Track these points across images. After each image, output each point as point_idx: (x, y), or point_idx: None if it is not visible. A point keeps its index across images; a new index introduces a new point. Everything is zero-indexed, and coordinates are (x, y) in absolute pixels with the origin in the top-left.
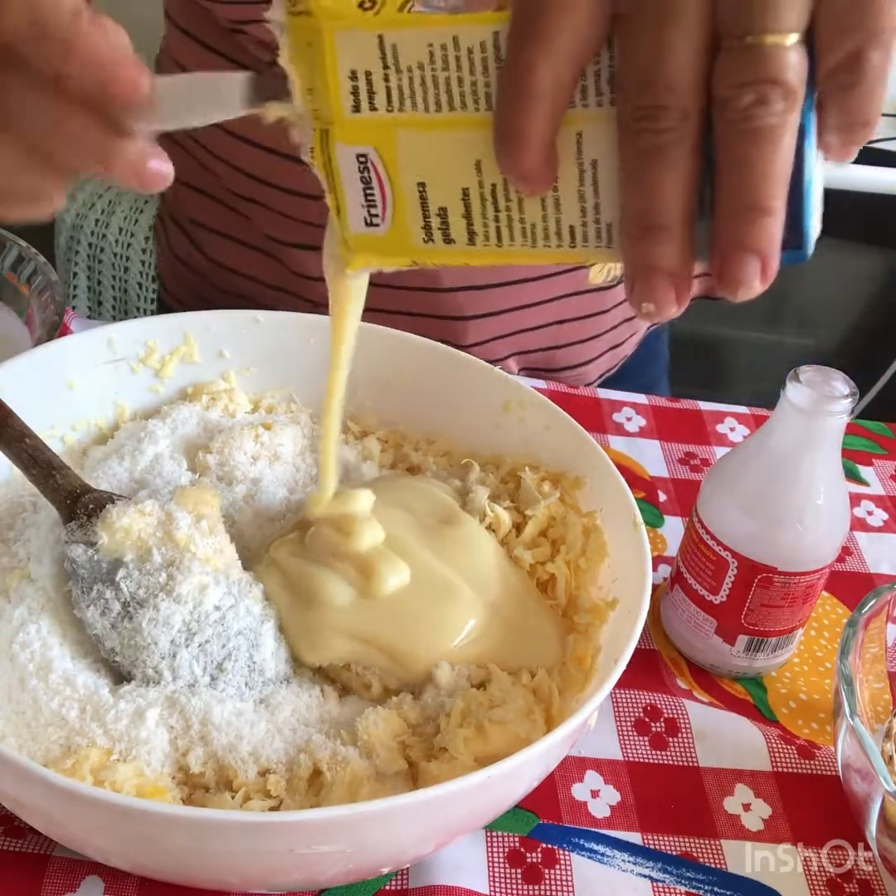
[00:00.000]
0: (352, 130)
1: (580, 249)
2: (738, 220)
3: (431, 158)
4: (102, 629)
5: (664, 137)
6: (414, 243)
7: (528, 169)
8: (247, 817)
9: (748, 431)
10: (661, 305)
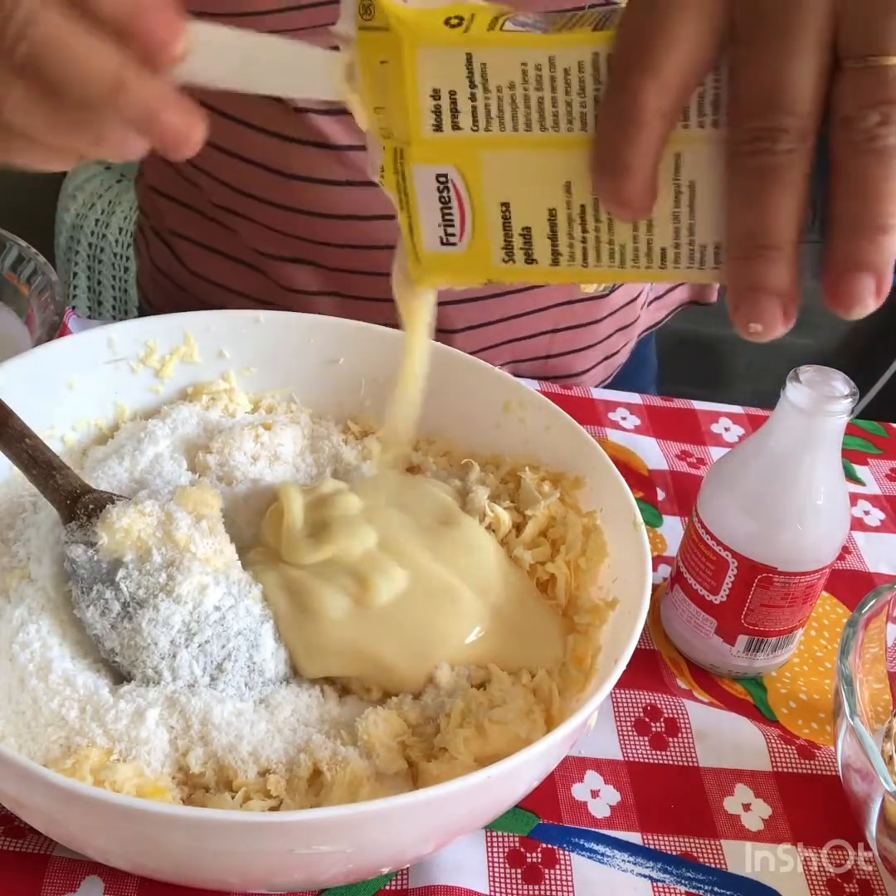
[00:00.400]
0: (431, 150)
1: (670, 271)
2: (856, 238)
3: (517, 179)
4: (102, 629)
5: (783, 159)
6: (492, 263)
7: (628, 197)
8: (247, 817)
9: (743, 431)
10: (769, 325)
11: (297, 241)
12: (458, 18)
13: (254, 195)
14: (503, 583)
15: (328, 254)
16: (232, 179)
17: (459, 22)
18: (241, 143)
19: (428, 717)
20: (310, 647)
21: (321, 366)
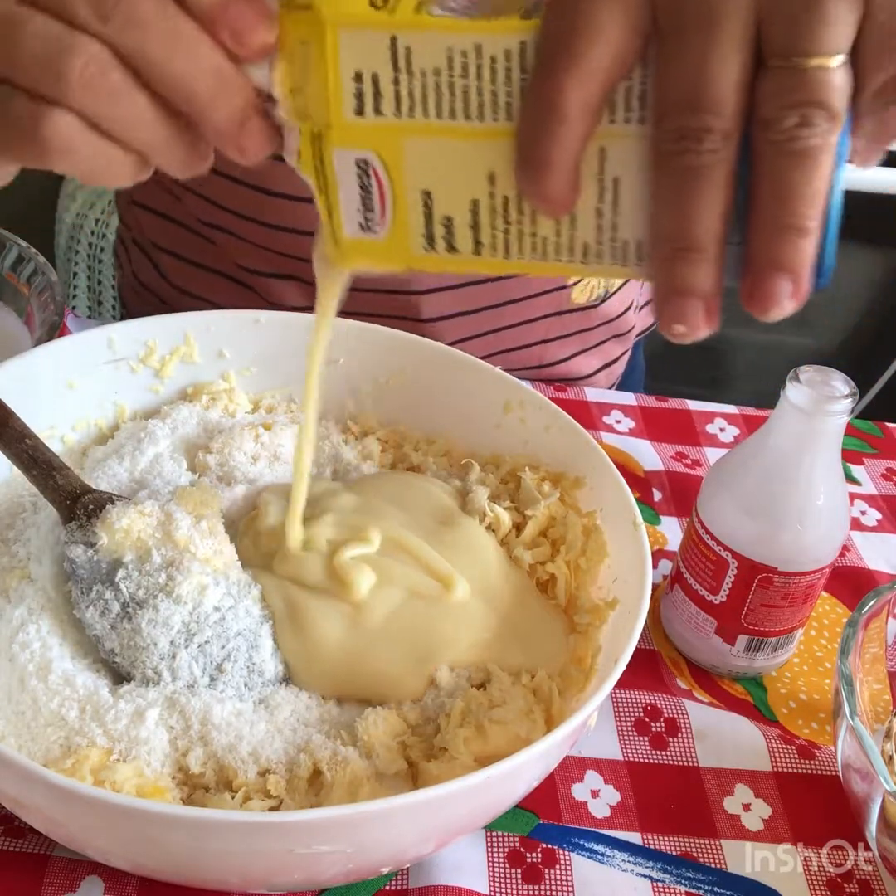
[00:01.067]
0: (352, 134)
1: (592, 266)
2: (774, 239)
3: (440, 167)
4: (102, 630)
5: (706, 158)
6: (412, 250)
7: (551, 193)
8: (247, 817)
9: (738, 432)
10: (692, 327)
11: (283, 257)
12: (384, 0)
13: (236, 212)
14: (505, 583)
15: (312, 269)
16: (214, 195)
17: (385, 3)
18: (223, 158)
19: (428, 718)
20: (303, 667)
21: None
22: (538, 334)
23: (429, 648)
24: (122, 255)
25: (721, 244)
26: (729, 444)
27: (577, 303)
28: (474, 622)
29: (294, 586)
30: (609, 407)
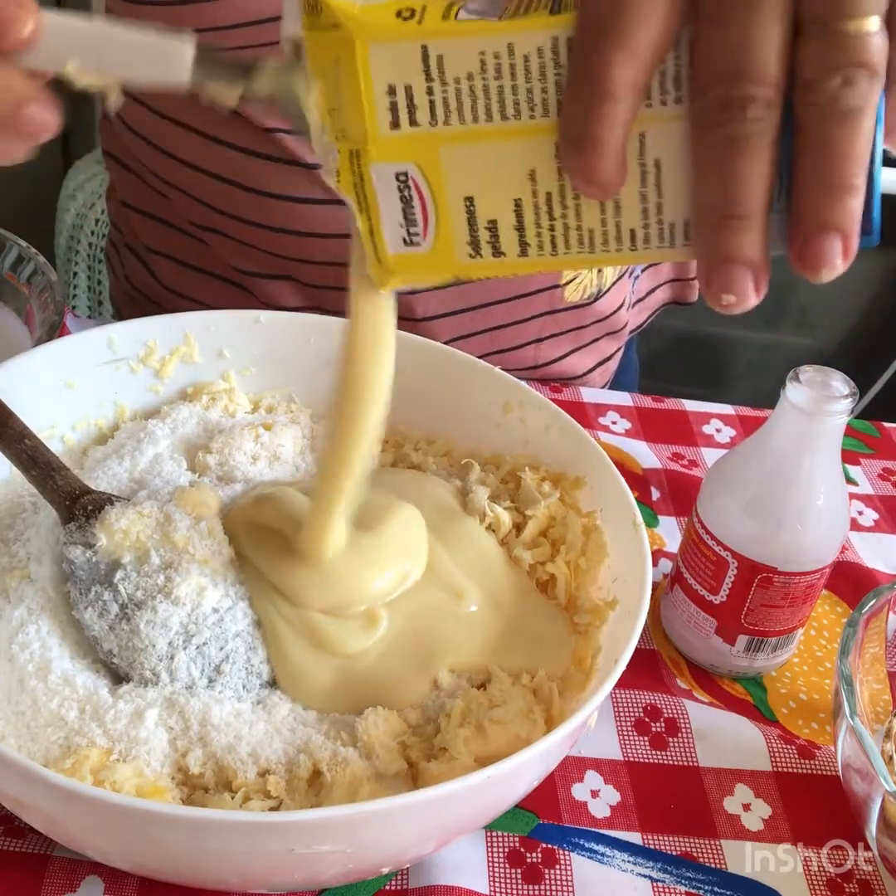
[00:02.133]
0: (389, 148)
1: (641, 251)
2: (822, 200)
3: (480, 171)
4: (100, 631)
5: (751, 127)
6: (458, 259)
7: (602, 174)
8: (247, 817)
9: (735, 432)
10: (741, 296)
11: (277, 258)
12: (409, 10)
13: (229, 213)
14: (508, 584)
15: (309, 271)
16: (205, 196)
17: (412, 14)
18: (213, 160)
19: (428, 718)
20: (304, 699)
21: (321, 366)
22: (532, 333)
23: (433, 654)
24: (114, 260)
25: (766, 211)
26: (725, 444)
27: (571, 301)
28: (479, 626)
29: (300, 616)
30: (605, 408)
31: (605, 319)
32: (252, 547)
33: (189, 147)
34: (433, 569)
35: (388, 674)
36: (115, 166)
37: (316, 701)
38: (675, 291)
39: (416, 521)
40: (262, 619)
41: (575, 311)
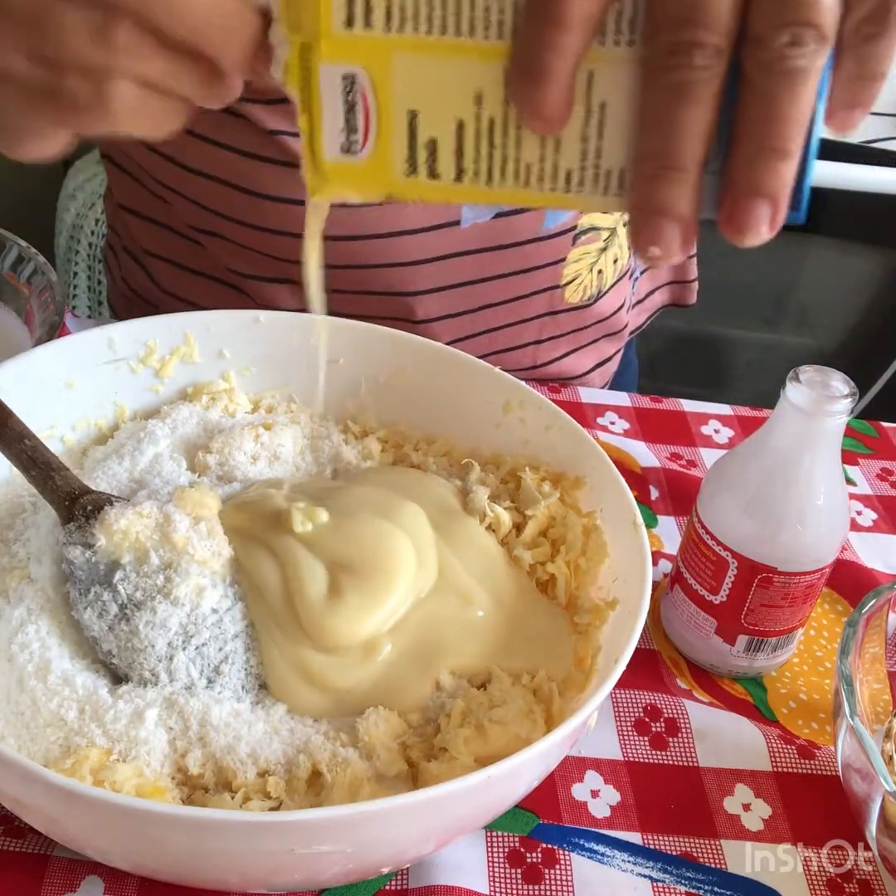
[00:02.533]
0: (340, 47)
1: (574, 195)
2: (755, 162)
3: (428, 85)
4: (100, 631)
5: (697, 74)
6: (394, 175)
7: (548, 105)
8: (247, 817)
9: (733, 433)
10: (667, 249)
11: (274, 260)
12: None
13: (227, 215)
14: (510, 583)
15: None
16: (203, 199)
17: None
18: (211, 162)
19: (428, 718)
20: (306, 712)
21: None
22: (532, 334)
23: (436, 657)
24: (111, 263)
25: (701, 166)
26: (724, 445)
27: (571, 302)
28: (482, 627)
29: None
30: (603, 408)
31: (604, 321)
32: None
33: (187, 150)
34: (444, 574)
35: (391, 679)
36: (112, 169)
37: (313, 715)
38: (673, 293)
39: (422, 525)
40: (258, 639)
41: (575, 312)
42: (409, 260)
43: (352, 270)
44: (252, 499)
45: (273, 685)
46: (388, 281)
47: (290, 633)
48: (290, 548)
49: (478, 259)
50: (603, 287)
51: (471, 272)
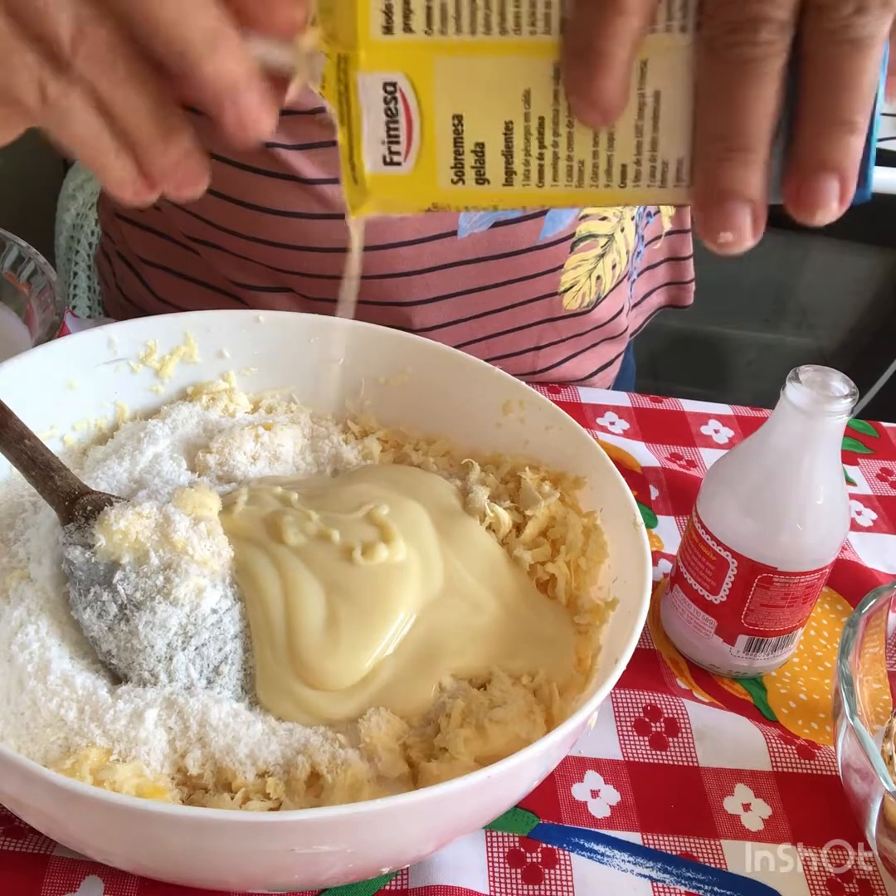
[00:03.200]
0: (380, 55)
1: (630, 190)
2: (824, 136)
3: (473, 88)
4: (99, 631)
5: (763, 50)
6: (439, 184)
7: (604, 93)
8: (247, 817)
9: (733, 433)
10: (740, 234)
11: (272, 270)
12: None
13: (222, 226)
14: (513, 585)
15: (306, 283)
16: (199, 210)
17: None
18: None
19: (428, 718)
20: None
21: (321, 366)
22: (531, 340)
23: (439, 660)
24: (105, 270)
25: (770, 145)
26: (724, 445)
27: (569, 309)
28: (486, 630)
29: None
30: (603, 408)
31: (604, 325)
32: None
33: None
34: (447, 577)
35: (392, 686)
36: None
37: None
38: (670, 294)
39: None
40: (253, 649)
41: (574, 318)
42: (406, 270)
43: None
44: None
45: (264, 702)
46: (384, 291)
47: (285, 663)
48: (290, 565)
49: (475, 268)
50: (602, 293)
51: (468, 281)
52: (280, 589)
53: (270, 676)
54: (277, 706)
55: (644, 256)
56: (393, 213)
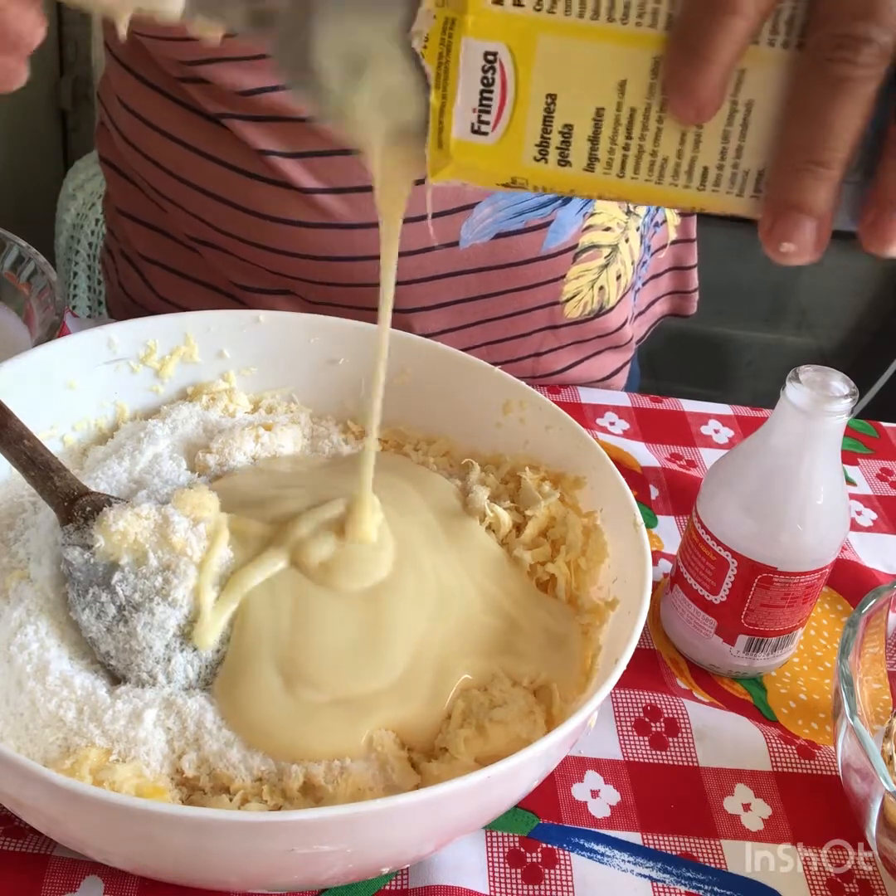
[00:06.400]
0: (487, 24)
1: (708, 194)
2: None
3: (571, 70)
4: (98, 632)
5: (859, 72)
6: (522, 159)
7: (703, 90)
8: (247, 817)
9: (733, 433)
10: (802, 246)
11: (275, 275)
12: None
13: (224, 230)
14: (516, 586)
15: (307, 288)
16: (201, 213)
17: None
18: (209, 178)
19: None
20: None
21: (321, 366)
22: (532, 347)
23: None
24: (108, 266)
25: (846, 166)
26: (724, 445)
27: (571, 317)
28: (487, 631)
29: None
30: (603, 408)
31: (608, 335)
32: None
33: (185, 164)
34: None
35: (402, 714)
36: (111, 173)
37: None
38: (673, 304)
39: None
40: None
41: (575, 325)
42: (407, 279)
43: (349, 288)
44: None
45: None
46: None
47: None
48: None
49: (476, 278)
50: (604, 302)
51: (469, 290)
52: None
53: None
54: (260, 743)
55: (649, 265)
56: (471, 183)
